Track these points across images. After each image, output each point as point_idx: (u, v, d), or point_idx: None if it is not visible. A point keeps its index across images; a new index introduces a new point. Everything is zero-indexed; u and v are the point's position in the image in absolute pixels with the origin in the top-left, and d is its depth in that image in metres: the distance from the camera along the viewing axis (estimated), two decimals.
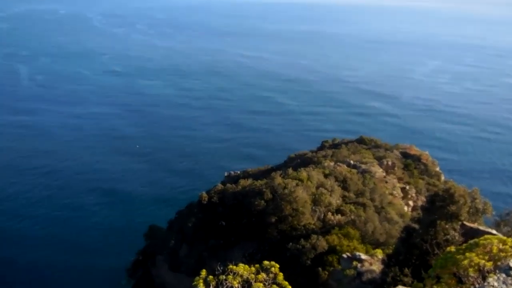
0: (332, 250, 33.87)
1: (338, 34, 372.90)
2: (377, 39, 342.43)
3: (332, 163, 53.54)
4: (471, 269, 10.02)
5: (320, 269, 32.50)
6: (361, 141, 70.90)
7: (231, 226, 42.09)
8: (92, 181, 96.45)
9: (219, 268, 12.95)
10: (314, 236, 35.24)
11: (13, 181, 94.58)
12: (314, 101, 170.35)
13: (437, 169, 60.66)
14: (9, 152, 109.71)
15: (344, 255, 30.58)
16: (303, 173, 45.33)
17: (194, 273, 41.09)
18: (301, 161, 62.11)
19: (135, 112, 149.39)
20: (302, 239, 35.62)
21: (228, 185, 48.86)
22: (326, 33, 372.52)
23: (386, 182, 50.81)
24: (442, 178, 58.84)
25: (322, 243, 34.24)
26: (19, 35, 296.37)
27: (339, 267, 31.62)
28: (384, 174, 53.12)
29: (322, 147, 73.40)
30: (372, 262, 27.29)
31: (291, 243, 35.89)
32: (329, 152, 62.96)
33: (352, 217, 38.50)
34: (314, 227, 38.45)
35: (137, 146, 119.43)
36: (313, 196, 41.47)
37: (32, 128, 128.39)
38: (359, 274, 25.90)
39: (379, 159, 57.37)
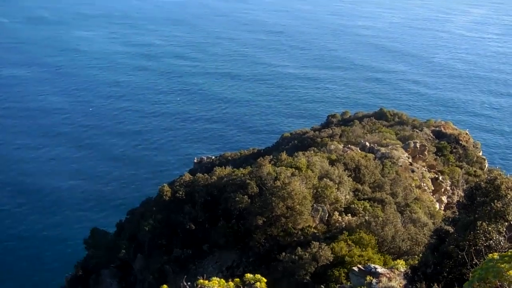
0: (339, 261, 34.60)
1: None
2: None
3: (341, 146, 54.22)
4: None
5: (322, 286, 33.26)
6: (380, 115, 71.72)
7: (203, 230, 42.59)
8: (6, 173, 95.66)
9: (185, 283, 13.33)
10: (315, 244, 35.88)
11: None
12: (314, 61, 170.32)
13: (480, 153, 61.96)
14: None
15: (355, 268, 31.39)
16: (302, 159, 45.87)
17: None
18: (299, 143, 62.72)
19: (65, 76, 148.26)
20: (299, 248, 36.22)
21: (199, 175, 49.12)
22: None
23: (413, 171, 51.71)
24: (486, 165, 60.15)
25: (326, 253, 34.91)
26: None
27: (348, 283, 32.49)
28: (410, 160, 54.01)
29: (328, 124, 74.06)
30: (392, 277, 28.06)
31: (284, 253, 36.32)
32: (337, 130, 63.57)
33: (367, 217, 39.16)
34: (315, 231, 39.11)
35: (90, 109, 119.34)
36: (315, 190, 42.04)
37: None
38: None
39: (404, 140, 58.17)
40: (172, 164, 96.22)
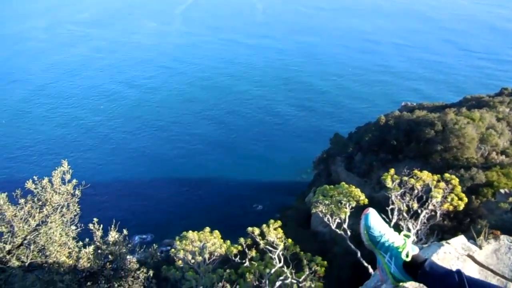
0: (489, 184, 31.26)
1: None
2: None
3: (507, 109, 46.45)
4: None
5: (473, 197, 30.60)
6: None
7: (401, 146, 41.44)
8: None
9: (405, 170, 12.88)
10: (474, 169, 32.78)
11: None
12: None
13: None
14: None
15: (502, 190, 28.12)
16: (476, 114, 40.92)
17: (364, 175, 42.66)
18: (476, 103, 55.09)
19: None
20: (462, 169, 33.48)
21: (405, 113, 47.16)
22: None
23: None
24: None
25: (480, 176, 31.77)
26: None
27: (493, 199, 29.24)
28: None
29: (500, 94, 63.16)
30: None
31: (451, 170, 33.86)
32: (507, 98, 53.95)
33: None
34: (476, 161, 35.48)
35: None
36: (481, 135, 37.66)
37: None
38: None
39: None
40: (382, 105, 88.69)
